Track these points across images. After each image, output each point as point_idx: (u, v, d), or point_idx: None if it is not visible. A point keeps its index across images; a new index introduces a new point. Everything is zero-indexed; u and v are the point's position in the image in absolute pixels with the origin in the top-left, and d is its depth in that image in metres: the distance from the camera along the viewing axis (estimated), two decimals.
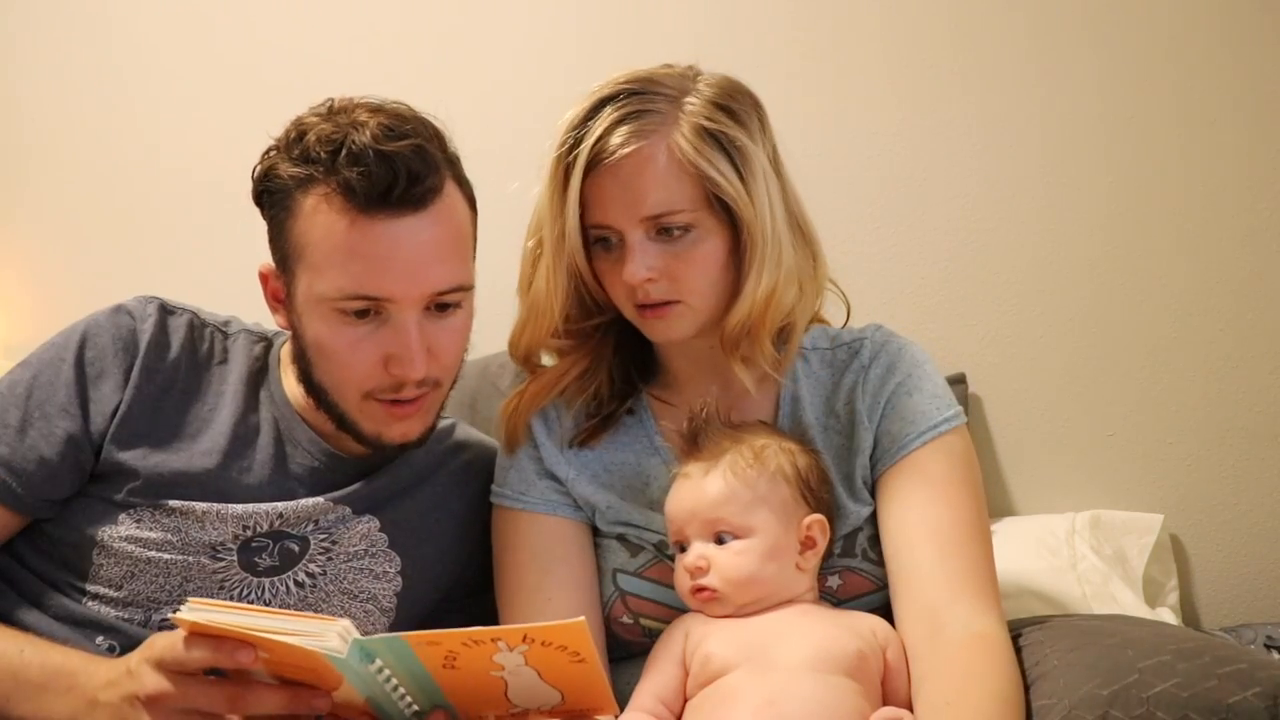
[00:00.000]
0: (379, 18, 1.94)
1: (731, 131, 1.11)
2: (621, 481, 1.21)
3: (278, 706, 0.89)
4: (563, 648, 0.84)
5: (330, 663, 0.83)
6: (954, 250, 1.82)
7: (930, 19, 1.81)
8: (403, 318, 1.09)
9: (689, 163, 1.09)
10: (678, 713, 1.06)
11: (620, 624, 1.17)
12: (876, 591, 1.14)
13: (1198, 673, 0.93)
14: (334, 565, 1.17)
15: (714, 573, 1.07)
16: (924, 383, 1.18)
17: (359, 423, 1.15)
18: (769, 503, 1.09)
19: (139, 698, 0.91)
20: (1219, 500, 1.76)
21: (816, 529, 1.10)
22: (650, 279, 1.11)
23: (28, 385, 1.15)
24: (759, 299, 1.13)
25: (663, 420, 1.23)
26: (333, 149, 1.06)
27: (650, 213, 1.10)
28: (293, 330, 1.15)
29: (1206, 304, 1.76)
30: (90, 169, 2.01)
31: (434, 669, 0.87)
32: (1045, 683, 0.99)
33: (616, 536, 1.19)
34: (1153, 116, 1.76)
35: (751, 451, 1.10)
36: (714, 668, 1.03)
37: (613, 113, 1.09)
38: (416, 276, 1.08)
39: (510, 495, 1.21)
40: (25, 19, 2.02)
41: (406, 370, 1.10)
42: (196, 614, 0.86)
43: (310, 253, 1.08)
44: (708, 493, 1.09)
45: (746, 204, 1.11)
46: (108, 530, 1.12)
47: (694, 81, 1.14)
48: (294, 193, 1.09)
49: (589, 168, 1.09)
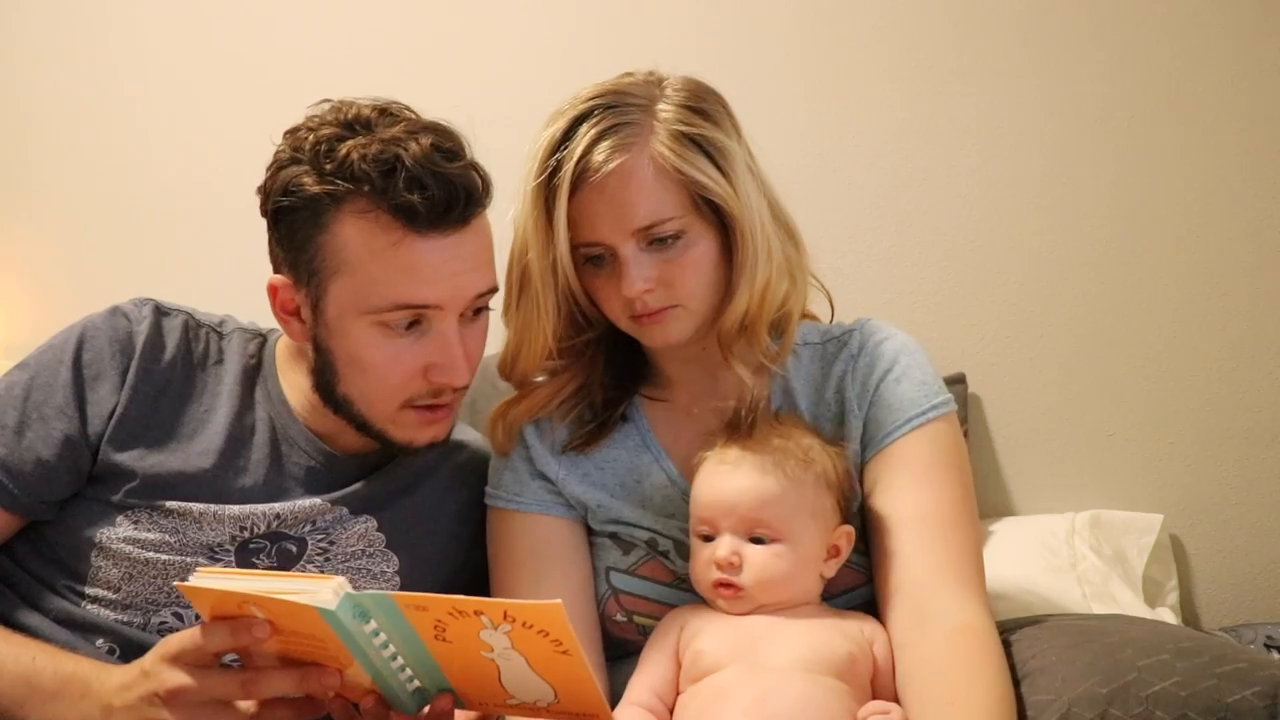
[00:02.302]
0: (379, 18, 1.94)
1: (709, 133, 1.11)
2: (613, 479, 1.21)
3: (290, 687, 0.91)
4: (544, 633, 0.84)
5: (328, 624, 0.84)
6: (954, 250, 1.82)
7: (930, 19, 1.81)
8: (444, 326, 1.11)
9: (673, 169, 1.09)
10: (671, 705, 1.05)
11: (615, 622, 1.17)
12: (866, 585, 1.14)
13: (1197, 671, 0.92)
14: (332, 566, 1.17)
15: (747, 571, 1.05)
16: (912, 370, 1.17)
17: (388, 430, 1.16)
18: (812, 510, 1.07)
19: (159, 695, 0.91)
20: (1219, 500, 1.76)
21: (844, 539, 1.09)
22: (648, 289, 1.11)
23: (25, 387, 1.15)
24: (755, 294, 1.13)
25: (655, 418, 1.23)
26: (384, 169, 1.06)
27: (641, 224, 1.09)
28: (315, 344, 1.15)
29: (1206, 304, 1.75)
30: (90, 170, 2.02)
31: (427, 638, 0.87)
32: (1043, 679, 0.99)
33: (609, 535, 1.19)
34: (1152, 117, 1.76)
35: (801, 451, 1.08)
36: (705, 664, 1.03)
37: (589, 130, 1.08)
38: (461, 285, 1.10)
39: (505, 496, 1.21)
40: (26, 20, 2.02)
41: (451, 378, 1.12)
42: (204, 580, 0.88)
43: (351, 268, 1.09)
44: (756, 490, 1.06)
45: (735, 201, 1.11)
46: (106, 532, 1.13)
47: (659, 87, 1.13)
48: (327, 208, 1.08)
49: (573, 188, 1.09)
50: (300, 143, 1.10)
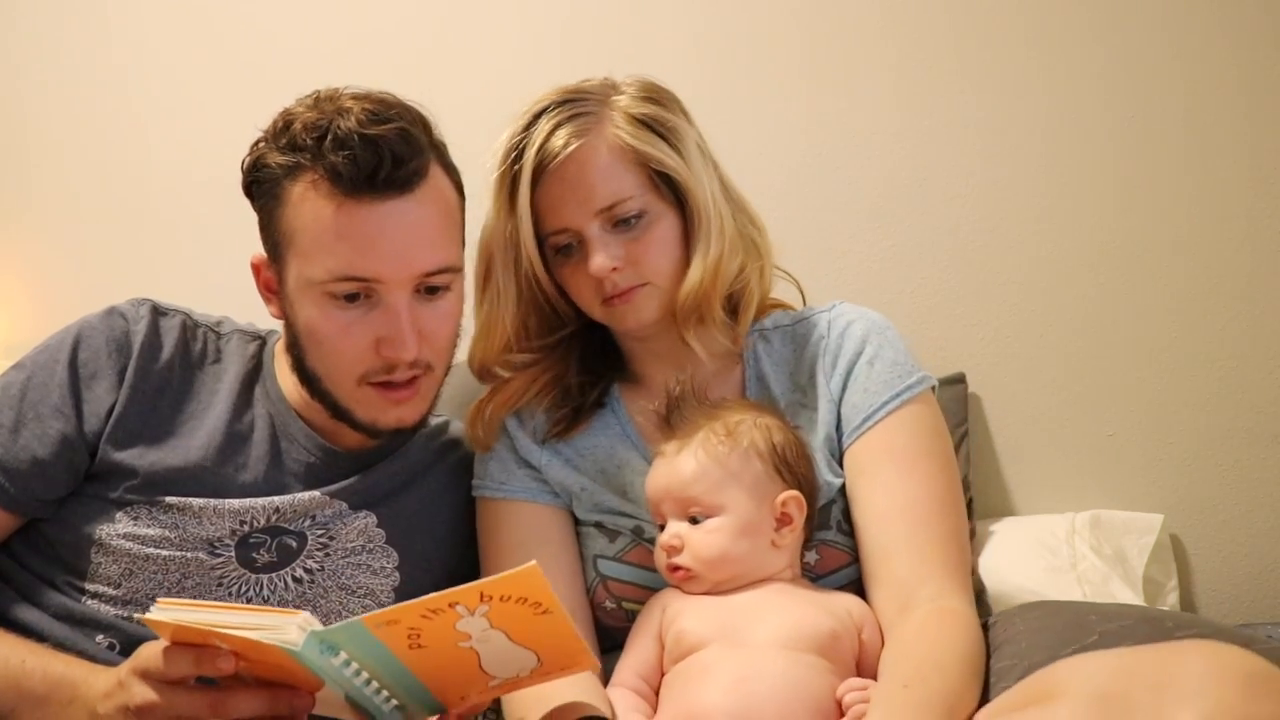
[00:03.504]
0: (379, 18, 1.94)
1: (661, 115, 1.18)
2: (595, 467, 1.22)
3: (259, 709, 0.90)
4: (523, 600, 0.83)
5: (294, 659, 0.83)
6: (954, 250, 1.81)
7: (931, 19, 1.81)
8: (392, 299, 1.10)
9: (629, 149, 1.15)
10: (657, 687, 1.07)
11: (603, 609, 1.18)
12: (854, 564, 1.14)
13: (1158, 635, 0.92)
14: (332, 561, 1.17)
15: (687, 552, 1.08)
16: (884, 351, 1.19)
17: (353, 409, 1.16)
18: (740, 480, 1.09)
19: (130, 708, 0.92)
20: (1219, 500, 1.75)
21: (792, 505, 1.10)
22: (616, 268, 1.14)
23: (22, 387, 1.16)
24: (709, 267, 1.17)
25: (633, 408, 1.25)
26: (318, 135, 1.07)
27: (602, 205, 1.14)
28: (285, 319, 1.16)
29: (1207, 304, 1.75)
30: (91, 169, 2.01)
31: (400, 652, 0.86)
32: (1009, 647, 1.01)
33: (595, 524, 1.20)
34: (1153, 116, 1.76)
35: (725, 428, 1.11)
36: (687, 644, 1.04)
37: (548, 122, 1.15)
38: (404, 257, 1.10)
39: (491, 485, 1.23)
40: (26, 20, 2.02)
41: (398, 351, 1.11)
42: (164, 614, 0.87)
43: (299, 239, 1.10)
44: (680, 472, 1.10)
45: (688, 176, 1.16)
46: (105, 528, 1.13)
47: (615, 88, 1.20)
48: (282, 181, 1.10)
49: (535, 177, 1.14)
50: (272, 124, 1.13)
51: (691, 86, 1.29)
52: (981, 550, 1.64)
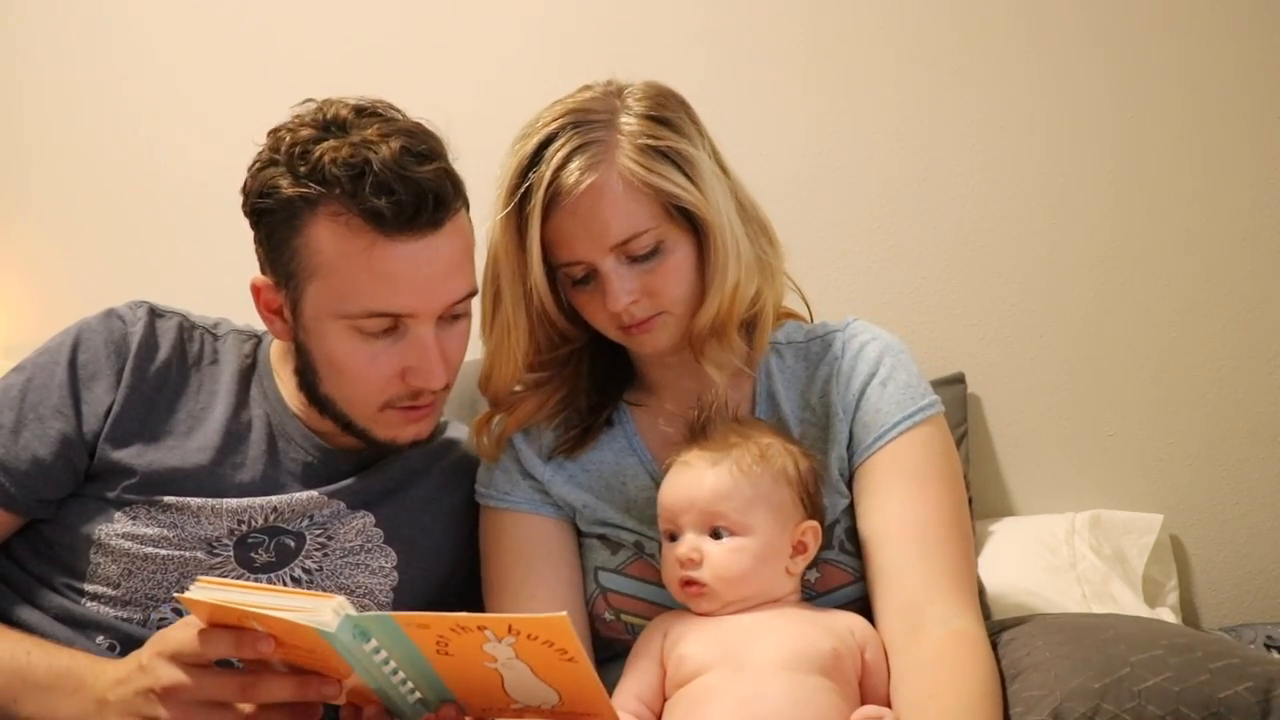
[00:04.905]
0: (379, 19, 1.94)
1: (674, 142, 1.11)
2: (599, 481, 1.21)
3: (288, 694, 0.90)
4: (549, 643, 0.84)
5: (327, 642, 0.84)
6: (954, 250, 1.82)
7: (931, 18, 1.81)
8: (420, 331, 1.11)
9: (642, 183, 1.09)
10: (658, 712, 1.05)
11: (602, 620, 1.17)
12: (854, 583, 1.14)
13: (1189, 667, 0.92)
14: (330, 561, 1.18)
15: (706, 567, 1.06)
16: (898, 373, 1.17)
17: (371, 429, 1.17)
18: (769, 503, 1.08)
19: (154, 691, 0.91)
20: (1219, 500, 1.76)
21: (810, 535, 1.09)
22: (633, 300, 1.12)
23: (21, 388, 1.16)
24: (726, 294, 1.14)
25: (642, 423, 1.24)
26: (353, 173, 1.06)
27: (617, 240, 1.10)
28: (296, 344, 1.16)
29: (1207, 304, 1.75)
30: (91, 171, 2.02)
31: (429, 654, 0.87)
32: (1036, 674, 0.99)
33: (597, 536, 1.20)
34: (1153, 116, 1.76)
35: (758, 449, 1.09)
36: (689, 668, 1.03)
37: (555, 153, 1.09)
38: (436, 291, 1.10)
39: (496, 495, 1.22)
40: (26, 21, 2.03)
41: (427, 381, 1.12)
42: (204, 593, 0.87)
43: (324, 271, 1.09)
44: (710, 485, 1.08)
45: (705, 206, 1.11)
46: (104, 528, 1.13)
47: (620, 98, 1.13)
48: (301, 211, 1.08)
49: (546, 212, 1.09)
50: (279, 144, 1.10)
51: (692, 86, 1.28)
52: (981, 550, 1.64)
